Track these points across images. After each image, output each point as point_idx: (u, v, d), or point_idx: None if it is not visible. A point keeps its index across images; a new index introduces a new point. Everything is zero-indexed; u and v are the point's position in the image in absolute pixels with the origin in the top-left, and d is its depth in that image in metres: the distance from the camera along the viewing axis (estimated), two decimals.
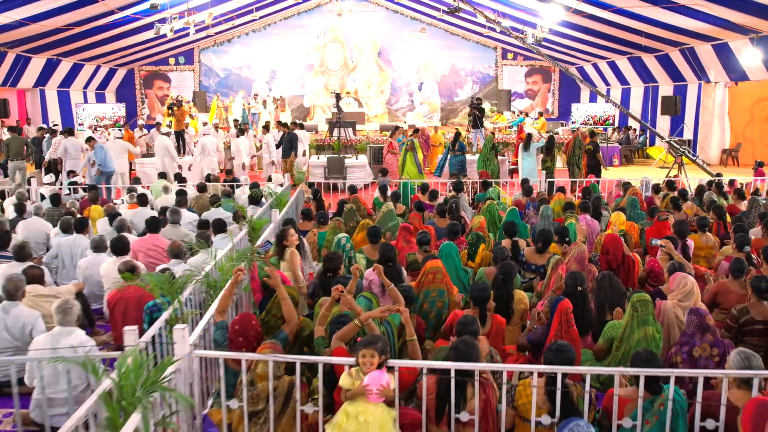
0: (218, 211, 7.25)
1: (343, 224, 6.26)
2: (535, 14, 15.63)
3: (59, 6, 12.28)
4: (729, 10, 11.36)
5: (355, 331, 3.47)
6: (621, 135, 17.23)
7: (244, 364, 3.14)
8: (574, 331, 3.63)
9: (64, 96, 18.38)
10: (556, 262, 4.95)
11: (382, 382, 2.93)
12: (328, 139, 14.66)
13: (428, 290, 4.52)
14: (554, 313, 3.73)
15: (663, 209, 7.38)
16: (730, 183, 8.90)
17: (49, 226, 6.84)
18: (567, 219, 6.54)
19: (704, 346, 3.53)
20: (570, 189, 9.84)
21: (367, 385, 2.91)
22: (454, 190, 8.40)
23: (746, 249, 5.49)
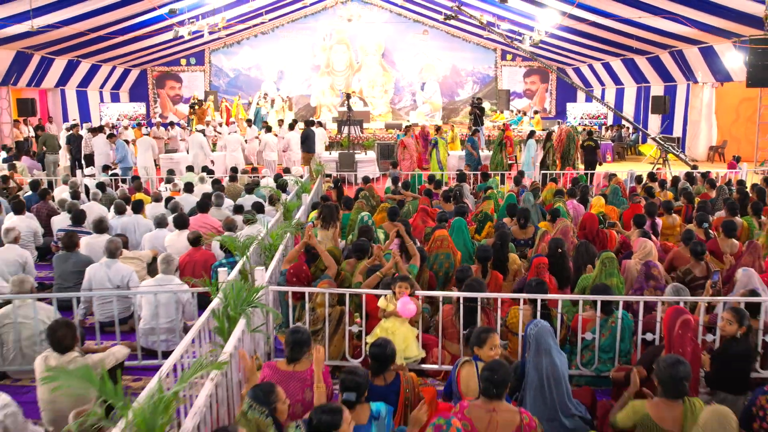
0: (251, 197, 8.44)
1: (365, 204, 7.45)
2: (532, 18, 16.82)
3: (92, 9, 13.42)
4: (713, 17, 12.52)
5: (378, 279, 4.65)
6: (614, 133, 18.43)
7: (307, 296, 4.33)
8: (546, 276, 4.81)
9: (82, 95, 19.57)
10: (543, 233, 6.15)
11: (410, 305, 4.11)
12: (337, 136, 15.84)
13: (437, 254, 5.71)
14: (531, 267, 4.93)
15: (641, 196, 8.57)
16: (704, 174, 10.11)
17: (105, 210, 8.01)
18: (556, 203, 7.74)
19: (650, 290, 4.72)
20: (567, 181, 11.01)
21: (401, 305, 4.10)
22: (457, 180, 9.60)
23: (705, 225, 6.68)
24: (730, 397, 3.63)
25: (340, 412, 2.57)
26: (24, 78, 16.30)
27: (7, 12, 11.96)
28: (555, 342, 3.58)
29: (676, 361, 3.05)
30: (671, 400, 3.01)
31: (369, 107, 21.41)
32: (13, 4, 11.64)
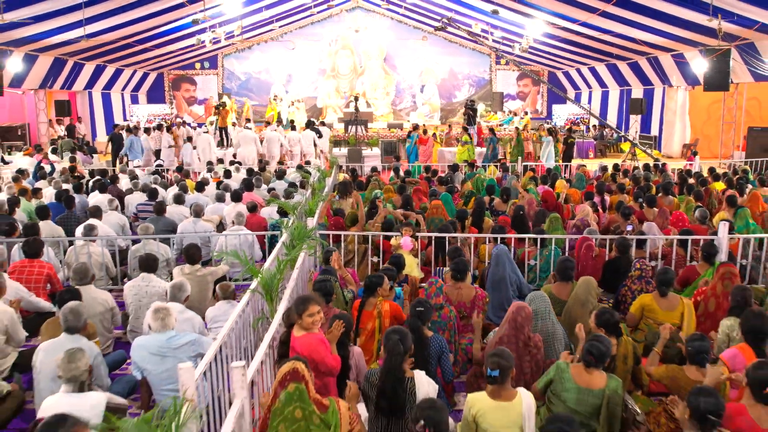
0: (281, 182, 10.71)
1: (378, 186, 9.73)
2: (522, 27, 19.13)
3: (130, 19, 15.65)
4: (681, 29, 14.78)
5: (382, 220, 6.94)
6: (596, 132, 20.74)
7: (343, 237, 6.61)
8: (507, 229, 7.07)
9: (106, 97, 21.86)
10: (512, 204, 8.43)
11: (408, 241, 6.36)
12: (345, 135, 18.14)
13: (433, 218, 7.97)
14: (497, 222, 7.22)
15: (606, 182, 10.85)
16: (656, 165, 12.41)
17: (162, 191, 10.25)
18: (527, 185, 10.03)
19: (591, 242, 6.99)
20: (543, 170, 13.34)
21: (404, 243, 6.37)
22: (450, 170, 11.89)
23: (639, 200, 8.95)
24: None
25: (383, 277, 4.80)
26: (58, 82, 18.57)
27: (61, 22, 14.18)
28: (509, 259, 5.85)
29: (566, 259, 5.33)
30: (565, 282, 5.26)
31: (372, 108, 23.72)
32: (69, 15, 13.85)
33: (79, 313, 4.01)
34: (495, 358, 3.30)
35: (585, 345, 3.55)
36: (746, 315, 4.01)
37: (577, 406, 3.48)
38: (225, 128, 16.72)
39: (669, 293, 5.00)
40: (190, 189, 10.51)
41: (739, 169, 12.39)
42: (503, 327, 4.21)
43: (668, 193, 9.41)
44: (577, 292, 4.95)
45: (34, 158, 13.17)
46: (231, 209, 8.59)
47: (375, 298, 4.77)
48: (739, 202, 9.02)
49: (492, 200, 9.14)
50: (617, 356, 3.93)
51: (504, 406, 3.30)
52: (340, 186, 8.42)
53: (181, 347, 4.04)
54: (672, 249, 6.54)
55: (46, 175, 11.31)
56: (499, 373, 3.25)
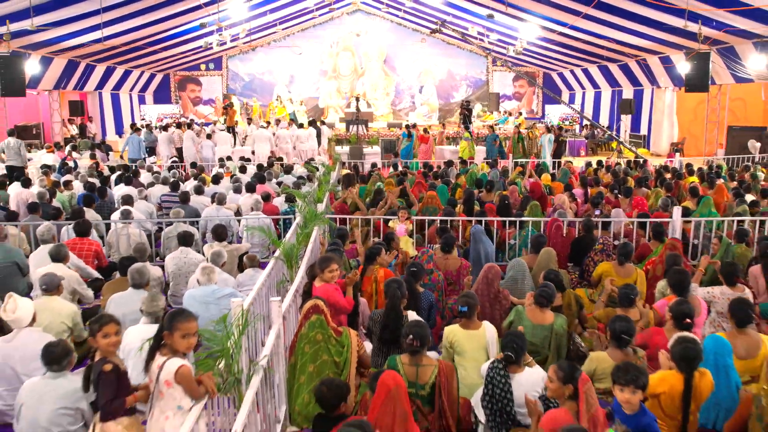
0: (289, 176, 11.84)
1: (378, 179, 10.87)
2: (516, 30, 20.28)
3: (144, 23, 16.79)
4: (666, 33, 15.91)
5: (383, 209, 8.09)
6: (588, 131, 21.89)
7: (348, 220, 7.75)
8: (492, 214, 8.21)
9: (115, 98, 23.02)
10: (498, 194, 9.57)
11: (403, 227, 7.49)
12: (346, 134, 19.29)
13: (427, 206, 9.11)
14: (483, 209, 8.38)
15: (588, 177, 11.98)
16: (641, 162, 13.56)
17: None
18: (515, 179, 11.18)
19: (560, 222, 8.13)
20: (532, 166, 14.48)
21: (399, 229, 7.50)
22: (445, 165, 13.04)
23: (615, 191, 10.08)
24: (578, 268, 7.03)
25: (381, 248, 5.91)
26: (71, 83, 19.71)
27: (80, 26, 15.31)
28: (486, 238, 6.98)
29: (539, 235, 6.47)
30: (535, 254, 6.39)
31: (372, 108, 24.87)
32: (88, 20, 14.97)
33: (143, 273, 5.14)
34: (464, 298, 4.44)
35: (536, 291, 4.70)
36: (671, 273, 5.14)
37: (532, 338, 4.60)
38: (233, 127, 17.87)
39: (626, 263, 6.15)
40: (207, 182, 11.66)
41: (714, 165, 13.54)
42: (478, 283, 5.36)
43: (641, 185, 10.56)
44: (540, 261, 6.09)
45: (56, 155, 14.29)
46: (246, 199, 9.73)
47: (373, 265, 5.90)
48: (708, 194, 10.22)
49: (480, 191, 10.29)
50: (563, 305, 5.07)
51: (472, 334, 4.43)
52: (344, 178, 9.59)
53: (221, 298, 5.17)
54: (633, 229, 7.70)
55: (71, 170, 12.45)
56: (467, 309, 4.39)
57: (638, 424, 3.17)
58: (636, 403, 3.21)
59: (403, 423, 3.27)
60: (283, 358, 4.16)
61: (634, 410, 3.22)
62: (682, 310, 4.22)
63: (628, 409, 3.22)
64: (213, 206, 8.67)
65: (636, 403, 3.21)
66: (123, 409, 3.15)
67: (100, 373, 3.13)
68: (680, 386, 3.51)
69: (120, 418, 3.16)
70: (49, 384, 3.75)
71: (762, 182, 11.33)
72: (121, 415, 3.16)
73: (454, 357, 4.44)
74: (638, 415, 3.21)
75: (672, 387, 3.53)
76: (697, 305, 5.00)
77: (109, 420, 3.14)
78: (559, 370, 3.31)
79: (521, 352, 3.85)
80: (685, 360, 3.49)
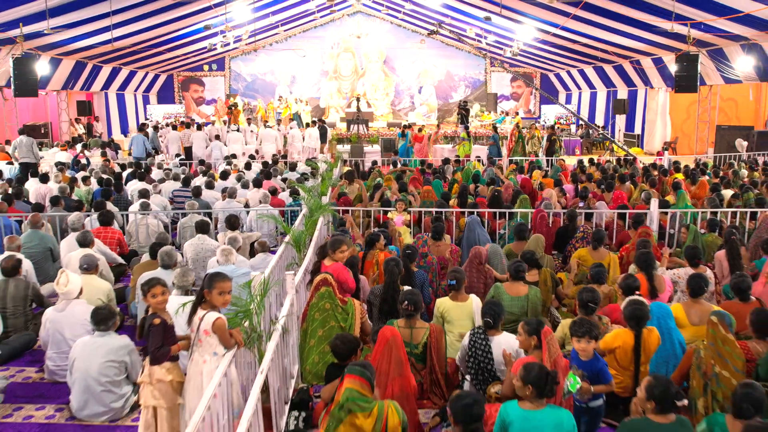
0: (293, 173, 12.56)
1: (378, 175, 11.59)
2: (513, 32, 21.00)
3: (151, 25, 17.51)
4: (657, 35, 16.63)
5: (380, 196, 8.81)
6: (583, 130, 22.60)
7: (351, 212, 8.47)
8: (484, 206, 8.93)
9: (120, 98, 23.74)
10: (491, 188, 10.29)
11: (400, 218, 8.21)
12: (347, 133, 20.02)
13: (424, 200, 9.82)
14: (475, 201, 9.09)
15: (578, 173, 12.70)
16: (626, 159, 14.28)
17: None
18: (509, 175, 11.90)
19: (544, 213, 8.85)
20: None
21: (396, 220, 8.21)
22: (442, 163, 13.76)
23: (601, 186, 10.80)
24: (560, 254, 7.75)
25: (380, 235, 6.63)
26: (79, 83, 20.42)
27: (90, 28, 16.01)
28: (479, 225, 7.70)
29: (521, 224, 7.19)
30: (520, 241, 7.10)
31: (372, 108, 25.59)
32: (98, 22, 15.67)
33: (171, 255, 5.86)
34: (453, 273, 5.15)
35: (511, 266, 5.42)
36: (637, 253, 5.85)
37: (511, 309, 5.30)
38: (237, 127, 18.62)
39: (600, 248, 6.85)
40: (215, 178, 12.38)
41: (701, 163, 14.26)
42: (466, 262, 6.08)
43: (624, 181, 11.30)
44: (529, 245, 6.81)
45: (69, 153, 15.00)
46: (254, 193, 10.45)
47: (374, 250, 6.61)
48: (691, 190, 10.95)
49: (477, 187, 11.01)
50: (539, 281, 5.79)
51: (460, 305, 5.14)
52: (347, 174, 10.35)
53: (239, 276, 5.86)
54: (613, 220, 8.42)
55: (85, 168, 13.16)
56: (455, 282, 5.09)
57: (592, 369, 3.88)
58: (590, 351, 3.92)
59: (399, 367, 3.98)
60: (296, 322, 4.87)
61: (589, 357, 3.94)
62: (629, 284, 4.93)
63: (583, 356, 3.93)
64: (225, 200, 9.38)
65: (590, 351, 3.92)
66: (168, 355, 3.85)
67: (150, 326, 3.84)
68: (631, 341, 4.22)
69: (165, 363, 3.87)
70: (97, 341, 4.47)
71: (744, 179, 12.04)
72: (167, 360, 3.87)
73: (444, 325, 5.14)
74: (592, 361, 3.93)
75: (625, 342, 4.24)
76: (662, 283, 5.71)
77: (157, 364, 3.85)
78: (526, 325, 4.02)
79: (498, 318, 4.55)
80: (634, 319, 4.20)
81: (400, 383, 3.97)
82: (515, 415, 3.31)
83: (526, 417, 3.27)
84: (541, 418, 3.25)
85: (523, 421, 3.25)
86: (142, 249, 8.39)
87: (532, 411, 3.29)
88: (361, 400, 3.32)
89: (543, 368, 3.37)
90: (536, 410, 3.29)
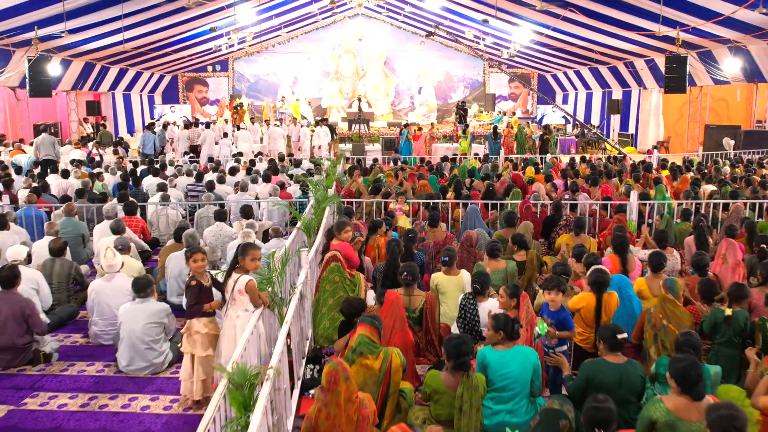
0: (298, 169, 13.39)
1: (379, 171, 12.42)
2: (510, 34, 21.84)
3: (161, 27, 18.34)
4: (648, 38, 17.47)
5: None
6: (578, 130, 23.45)
7: (355, 203, 9.30)
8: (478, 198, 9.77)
9: (127, 98, 24.59)
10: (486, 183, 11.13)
11: (399, 211, 9.03)
12: (349, 132, 20.88)
13: (421, 194, 10.65)
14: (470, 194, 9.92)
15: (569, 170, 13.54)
16: (616, 157, 15.11)
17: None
18: (502, 171, 12.73)
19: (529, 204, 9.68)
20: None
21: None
22: (441, 161, 14.61)
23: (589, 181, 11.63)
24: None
25: (382, 222, 7.46)
26: (87, 84, 21.26)
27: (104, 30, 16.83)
28: (477, 215, 8.52)
29: (510, 212, 8.03)
30: (509, 227, 7.93)
31: (373, 108, 26.45)
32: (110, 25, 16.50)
33: (195, 237, 6.69)
34: (446, 251, 5.98)
35: (488, 246, 6.26)
36: (612, 236, 6.68)
37: (493, 281, 6.13)
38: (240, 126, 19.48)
39: (582, 234, 7.69)
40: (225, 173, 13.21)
41: (686, 161, 15.11)
42: (459, 245, 6.92)
43: (612, 177, 12.15)
44: (519, 231, 7.64)
45: (82, 150, 15.84)
46: (263, 187, 11.29)
47: (376, 235, 7.44)
48: (674, 185, 11.81)
49: (472, 181, 11.86)
50: (526, 260, 6.62)
51: (452, 279, 5.96)
52: (350, 170, 11.24)
53: None
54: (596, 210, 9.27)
55: (100, 164, 14.01)
56: (448, 259, 5.92)
57: (558, 317, 4.73)
58: (558, 302, 4.76)
59: (400, 323, 4.81)
60: (310, 292, 5.70)
61: (556, 307, 4.79)
62: (590, 261, 5.76)
63: (552, 306, 4.78)
64: (238, 193, 10.22)
65: (558, 302, 4.76)
66: (200, 311, 4.69)
67: (187, 286, 4.67)
68: (594, 303, 5.06)
69: (201, 318, 4.70)
70: (139, 307, 5.30)
71: (726, 175, 12.86)
72: (201, 316, 4.70)
73: (438, 296, 5.97)
74: (559, 311, 4.78)
75: (588, 303, 5.08)
76: (633, 263, 6.53)
77: (192, 318, 4.68)
78: (507, 289, 4.86)
79: (485, 285, 5.38)
80: (596, 284, 5.04)
81: (401, 337, 4.80)
82: (491, 356, 4.13)
83: (499, 355, 4.10)
84: (511, 356, 4.08)
85: (498, 359, 4.08)
86: (162, 237, 9.23)
87: (503, 351, 4.12)
88: (371, 345, 4.14)
89: (508, 317, 4.20)
90: (507, 350, 4.12)
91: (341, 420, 3.54)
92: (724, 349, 4.78)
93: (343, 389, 3.54)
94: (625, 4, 14.37)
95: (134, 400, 4.89)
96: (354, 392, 3.60)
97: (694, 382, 3.40)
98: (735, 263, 6.42)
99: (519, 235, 6.82)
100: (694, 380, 3.40)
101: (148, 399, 4.90)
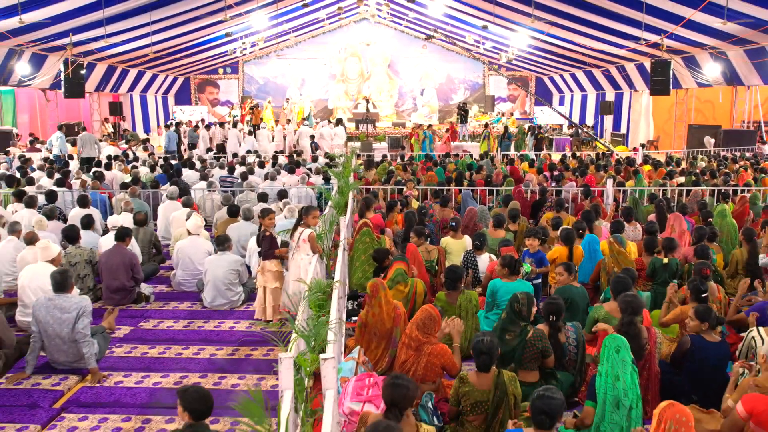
0: (315, 164, 15.30)
1: (388, 164, 14.33)
2: (508, 38, 23.79)
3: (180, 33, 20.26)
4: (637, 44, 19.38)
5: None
6: (573, 130, 25.42)
7: (372, 190, 11.20)
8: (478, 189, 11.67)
9: (143, 99, 26.49)
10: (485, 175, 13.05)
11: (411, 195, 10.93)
12: (356, 132, 22.83)
13: (430, 182, 12.54)
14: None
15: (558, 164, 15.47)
16: (604, 153, 17.04)
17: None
18: (500, 166, 14.66)
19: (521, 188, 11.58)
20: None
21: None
22: (442, 157, 16.55)
23: (576, 173, 13.54)
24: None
25: (397, 202, 9.36)
26: (108, 86, 23.16)
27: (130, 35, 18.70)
28: (470, 197, 10.42)
29: (507, 195, 9.94)
30: (505, 206, 9.84)
31: (377, 109, 28.39)
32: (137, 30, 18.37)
33: (250, 210, 8.61)
34: (453, 219, 7.89)
35: (495, 218, 8.15)
36: (584, 211, 8.58)
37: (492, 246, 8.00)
38: (258, 125, 21.41)
39: (561, 212, 9.59)
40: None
41: (667, 157, 17.06)
42: (463, 219, 8.85)
43: (598, 170, 14.09)
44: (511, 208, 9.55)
45: (116, 147, 17.76)
46: (290, 177, 13.17)
47: (393, 213, 9.35)
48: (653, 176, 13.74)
49: (472, 174, 13.79)
50: (518, 231, 8.52)
51: (458, 242, 7.85)
52: (365, 163, 13.21)
53: None
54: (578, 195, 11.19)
55: (136, 159, 15.91)
56: (455, 224, 7.82)
57: (535, 257, 6.67)
58: (536, 246, 6.71)
59: (420, 267, 6.71)
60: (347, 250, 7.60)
61: (534, 250, 6.72)
62: (561, 227, 7.66)
63: (532, 249, 6.71)
64: (267, 181, 12.14)
65: (536, 246, 6.71)
66: (273, 255, 6.60)
67: (262, 237, 6.59)
68: (566, 253, 6.96)
69: (272, 260, 6.59)
70: (220, 258, 7.19)
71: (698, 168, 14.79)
72: (272, 258, 6.60)
73: (446, 256, 7.85)
74: (537, 253, 6.72)
75: (561, 254, 6.99)
76: (600, 231, 8.43)
77: (266, 260, 6.59)
78: (502, 260, 6.76)
79: (483, 243, 7.28)
80: (566, 239, 6.95)
81: (420, 276, 6.69)
82: (499, 285, 6.02)
83: (505, 285, 5.98)
84: (513, 286, 5.95)
85: (504, 287, 5.97)
86: (207, 218, 11.11)
87: (508, 282, 6.00)
88: (404, 275, 6.03)
89: (512, 257, 6.09)
90: (510, 282, 6.00)
91: (383, 316, 5.42)
92: (660, 288, 6.67)
93: (383, 295, 5.41)
94: (611, 12, 16.29)
95: (222, 323, 6.77)
96: (390, 298, 5.48)
97: (620, 291, 5.29)
98: (681, 231, 8.32)
99: (515, 210, 8.72)
100: (620, 290, 5.29)
101: (232, 322, 6.78)
